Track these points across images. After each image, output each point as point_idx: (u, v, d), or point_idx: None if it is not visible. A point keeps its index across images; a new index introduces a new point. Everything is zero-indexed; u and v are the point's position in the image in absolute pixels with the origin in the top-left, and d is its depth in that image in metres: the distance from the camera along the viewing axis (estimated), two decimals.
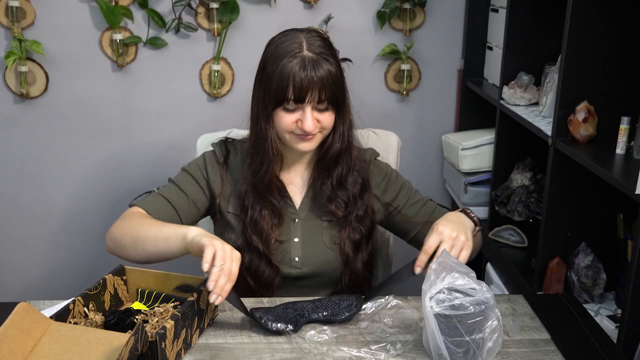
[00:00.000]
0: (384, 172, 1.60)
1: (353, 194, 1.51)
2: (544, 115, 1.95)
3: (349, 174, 1.51)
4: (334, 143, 1.47)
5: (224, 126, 1.81)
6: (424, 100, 2.60)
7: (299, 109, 1.39)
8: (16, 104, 2.48)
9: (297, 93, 1.36)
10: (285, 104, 1.38)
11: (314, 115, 1.39)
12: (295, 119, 1.39)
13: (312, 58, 1.37)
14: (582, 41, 1.68)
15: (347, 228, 1.51)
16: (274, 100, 1.39)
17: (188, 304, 1.23)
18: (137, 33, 2.42)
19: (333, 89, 1.38)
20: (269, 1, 2.43)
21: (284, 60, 1.37)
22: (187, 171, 1.55)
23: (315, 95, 1.37)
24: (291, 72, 1.35)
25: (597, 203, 1.81)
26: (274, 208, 1.48)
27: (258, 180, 1.47)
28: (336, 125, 1.45)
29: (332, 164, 1.49)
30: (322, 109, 1.40)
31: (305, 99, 1.36)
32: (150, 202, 1.50)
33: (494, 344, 1.18)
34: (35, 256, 2.68)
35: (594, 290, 1.79)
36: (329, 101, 1.39)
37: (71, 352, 1.13)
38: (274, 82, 1.38)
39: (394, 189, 1.59)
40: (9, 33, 2.38)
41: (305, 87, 1.35)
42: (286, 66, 1.36)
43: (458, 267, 1.20)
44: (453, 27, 2.53)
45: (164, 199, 1.51)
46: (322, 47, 1.40)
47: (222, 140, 1.58)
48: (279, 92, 1.37)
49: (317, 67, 1.36)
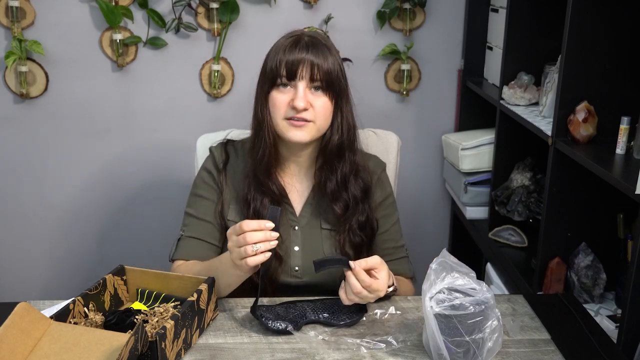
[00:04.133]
0: (386, 193, 1.59)
1: (354, 196, 1.50)
2: (544, 115, 1.95)
3: (352, 175, 1.50)
4: (333, 135, 1.45)
5: (224, 126, 1.82)
6: (424, 100, 2.60)
7: (292, 88, 1.39)
8: (16, 104, 2.48)
9: (289, 67, 1.38)
10: (279, 81, 1.39)
11: (308, 97, 1.39)
12: (288, 99, 1.39)
13: (308, 39, 1.40)
14: (582, 41, 1.68)
15: (347, 232, 1.49)
16: (269, 80, 1.41)
17: (188, 304, 1.23)
18: (137, 33, 2.42)
19: (327, 72, 1.39)
20: (269, 1, 2.43)
21: (280, 41, 1.43)
22: (197, 195, 1.54)
23: (307, 70, 1.38)
24: (285, 50, 1.39)
25: (597, 203, 1.81)
26: (274, 196, 1.47)
27: (257, 165, 1.46)
28: (334, 118, 1.44)
29: (334, 157, 1.47)
30: (316, 88, 1.40)
31: (296, 73, 1.38)
32: (187, 250, 1.50)
33: (494, 344, 1.18)
34: (35, 256, 2.67)
35: (594, 290, 1.79)
36: (322, 83, 1.39)
37: (71, 352, 1.13)
38: (269, 62, 1.42)
39: (382, 213, 1.57)
40: (9, 33, 2.38)
41: (297, 61, 1.38)
42: (281, 45, 1.41)
43: (458, 267, 1.20)
44: (453, 27, 2.53)
45: (195, 239, 1.51)
46: (323, 38, 1.43)
47: (222, 144, 1.57)
48: (272, 70, 1.40)
49: (311, 47, 1.39)
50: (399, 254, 1.58)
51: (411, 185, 2.68)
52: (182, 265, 1.49)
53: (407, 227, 2.31)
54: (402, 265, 1.57)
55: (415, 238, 2.67)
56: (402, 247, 1.59)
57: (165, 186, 2.61)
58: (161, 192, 2.62)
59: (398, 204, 1.64)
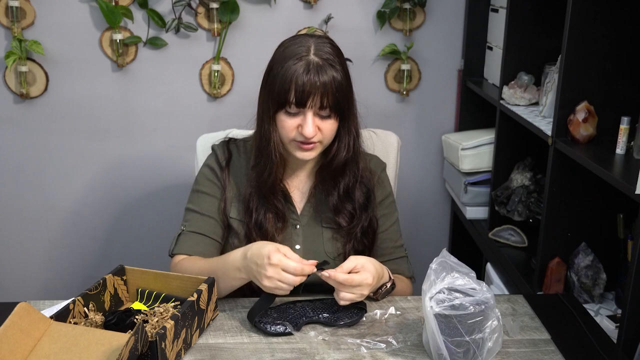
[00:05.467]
0: (386, 193, 1.58)
1: (359, 205, 1.50)
2: (544, 115, 1.95)
3: (356, 185, 1.49)
4: (339, 152, 1.44)
5: (224, 126, 1.82)
6: (424, 100, 2.61)
7: (301, 114, 1.37)
8: (16, 104, 2.48)
9: (298, 96, 1.34)
10: (287, 107, 1.37)
11: (316, 122, 1.38)
12: (296, 124, 1.38)
13: (318, 63, 1.35)
14: (582, 41, 1.68)
15: (352, 241, 1.50)
16: (277, 103, 1.38)
17: (188, 304, 1.23)
18: (137, 33, 2.42)
19: (337, 96, 1.36)
20: (269, 1, 2.43)
21: (289, 62, 1.36)
22: (199, 191, 1.53)
23: (317, 100, 1.35)
24: (294, 75, 1.34)
25: (597, 203, 1.81)
26: (278, 211, 1.47)
27: (262, 182, 1.46)
28: (341, 135, 1.43)
29: (338, 173, 1.47)
30: (324, 116, 1.38)
31: (306, 103, 1.35)
32: (188, 245, 1.50)
33: (494, 344, 1.18)
34: (35, 256, 2.68)
35: (594, 290, 1.79)
36: (331, 109, 1.37)
37: (71, 352, 1.13)
38: (277, 84, 1.37)
39: (382, 213, 1.57)
40: (9, 33, 2.38)
41: (307, 91, 1.34)
42: (290, 68, 1.35)
43: (458, 267, 1.20)
44: (453, 27, 2.53)
45: (197, 234, 1.50)
46: (331, 53, 1.38)
47: (224, 142, 1.56)
48: (281, 94, 1.36)
49: (321, 72, 1.34)
50: (398, 253, 1.58)
51: (411, 185, 2.68)
52: (184, 260, 1.48)
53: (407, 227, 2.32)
54: (400, 265, 1.57)
55: (415, 238, 2.67)
56: (401, 247, 1.59)
57: (165, 186, 2.61)
58: (161, 192, 2.62)
59: (398, 204, 1.64)
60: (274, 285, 1.26)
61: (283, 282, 1.26)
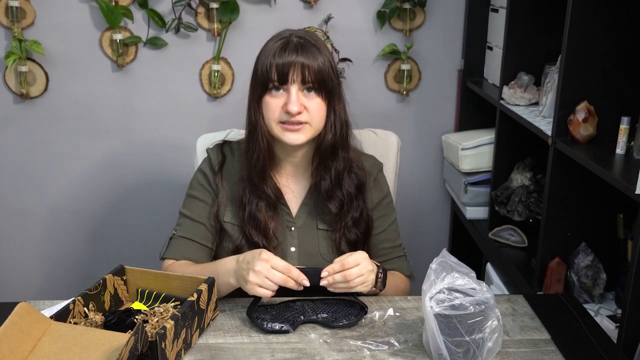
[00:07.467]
0: (383, 194, 1.58)
1: (348, 193, 1.49)
2: (544, 115, 1.95)
3: (345, 172, 1.49)
4: (327, 134, 1.44)
5: (224, 126, 1.81)
6: (424, 100, 2.60)
7: (285, 92, 1.38)
8: (16, 104, 2.48)
9: (279, 71, 1.36)
10: (270, 85, 1.38)
11: (301, 100, 1.38)
12: (282, 103, 1.39)
13: (297, 41, 1.39)
14: (582, 41, 1.68)
15: (342, 230, 1.49)
16: (261, 85, 1.40)
17: (188, 304, 1.23)
18: (137, 33, 2.42)
19: (318, 72, 1.37)
20: (269, 1, 2.43)
21: (270, 44, 1.41)
22: (191, 196, 1.54)
23: (298, 73, 1.36)
24: (275, 53, 1.38)
25: (597, 203, 1.81)
26: (270, 199, 1.47)
27: (251, 168, 1.46)
28: (327, 116, 1.44)
29: (328, 155, 1.47)
30: (309, 93, 1.39)
31: (287, 77, 1.36)
32: (178, 250, 1.51)
33: (494, 344, 1.19)
34: (35, 256, 2.68)
35: (594, 290, 1.79)
36: (314, 84, 1.38)
37: (71, 352, 1.13)
38: (259, 66, 1.40)
39: (380, 213, 1.57)
40: (9, 33, 2.38)
41: (287, 64, 1.36)
42: (271, 48, 1.39)
43: (458, 267, 1.20)
44: (453, 27, 2.53)
45: (187, 240, 1.51)
46: (311, 36, 1.42)
47: (218, 145, 1.57)
48: (264, 74, 1.38)
49: (300, 48, 1.37)
50: (396, 253, 1.58)
51: (411, 185, 2.68)
52: (173, 265, 1.49)
53: (407, 227, 2.32)
54: (399, 264, 1.57)
55: (415, 238, 2.67)
56: (400, 247, 1.59)
57: (165, 186, 2.61)
58: (161, 192, 2.62)
59: (398, 204, 1.64)
60: (260, 280, 1.27)
61: (269, 278, 1.27)
